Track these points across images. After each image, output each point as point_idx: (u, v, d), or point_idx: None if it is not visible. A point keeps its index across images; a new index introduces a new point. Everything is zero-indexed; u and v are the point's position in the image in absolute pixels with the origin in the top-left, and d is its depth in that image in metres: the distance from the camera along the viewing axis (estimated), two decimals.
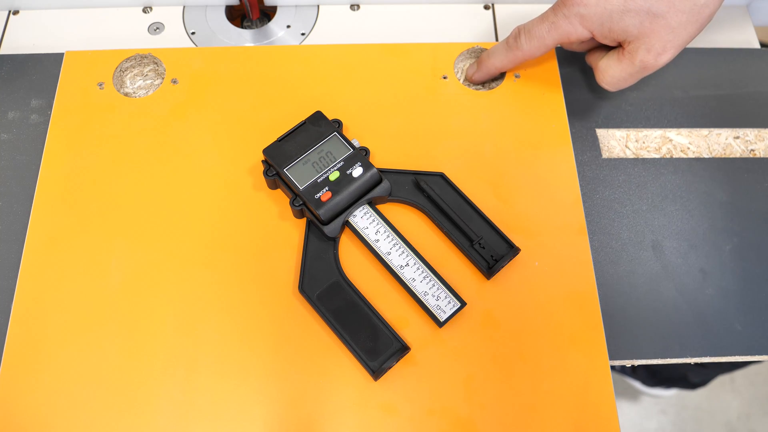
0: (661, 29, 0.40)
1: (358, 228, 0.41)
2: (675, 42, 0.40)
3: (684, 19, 0.39)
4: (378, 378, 0.38)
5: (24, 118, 0.47)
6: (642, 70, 0.42)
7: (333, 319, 0.39)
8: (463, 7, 0.54)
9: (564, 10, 0.41)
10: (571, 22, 0.41)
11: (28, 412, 0.37)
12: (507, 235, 0.42)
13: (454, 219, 0.41)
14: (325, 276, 0.40)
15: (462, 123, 0.46)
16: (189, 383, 0.38)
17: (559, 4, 0.42)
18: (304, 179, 0.41)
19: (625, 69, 0.42)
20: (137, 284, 0.41)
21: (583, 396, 0.38)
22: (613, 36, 0.41)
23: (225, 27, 0.54)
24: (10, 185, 0.45)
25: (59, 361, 0.38)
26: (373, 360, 0.37)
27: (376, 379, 0.38)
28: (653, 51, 0.41)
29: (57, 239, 0.42)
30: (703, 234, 0.44)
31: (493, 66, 0.46)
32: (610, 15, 0.40)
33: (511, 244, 0.41)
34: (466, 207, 0.42)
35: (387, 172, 0.43)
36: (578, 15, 0.41)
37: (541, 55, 0.45)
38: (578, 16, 0.41)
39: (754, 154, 0.48)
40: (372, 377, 0.38)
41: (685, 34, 0.40)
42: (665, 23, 0.39)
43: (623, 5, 0.40)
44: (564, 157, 0.45)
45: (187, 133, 0.46)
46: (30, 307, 0.40)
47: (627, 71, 0.42)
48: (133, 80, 0.49)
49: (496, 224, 0.42)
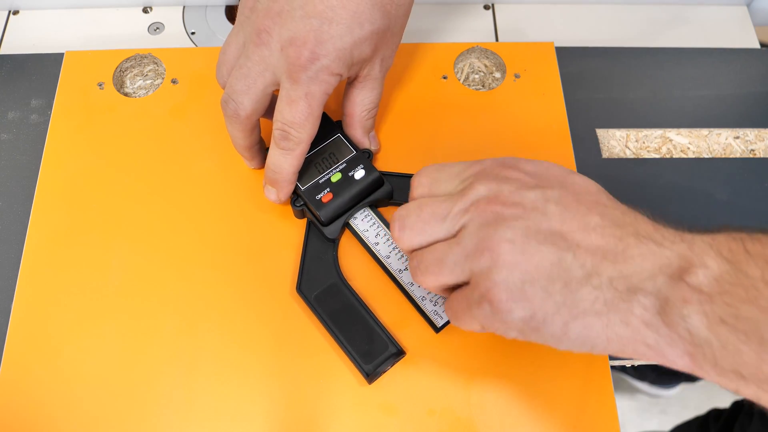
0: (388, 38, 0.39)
1: (358, 230, 0.41)
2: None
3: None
4: (372, 381, 0.38)
5: (24, 118, 0.47)
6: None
7: (329, 320, 0.38)
8: (463, 7, 0.54)
9: (307, 73, 0.36)
10: (321, 80, 0.37)
11: (28, 412, 0.37)
12: None
13: None
14: (323, 277, 0.40)
15: (462, 123, 0.46)
16: (189, 383, 0.38)
17: (297, 72, 0.36)
18: (306, 180, 0.41)
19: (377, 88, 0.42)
20: (137, 284, 0.41)
21: (583, 396, 0.38)
22: (356, 68, 0.39)
23: (225, 27, 0.54)
24: (10, 185, 0.45)
25: (59, 361, 0.38)
26: (367, 363, 0.37)
27: (370, 382, 0.38)
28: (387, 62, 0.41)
29: (57, 239, 0.42)
30: None
31: (289, 173, 0.39)
32: (350, 50, 0.37)
33: None
34: None
35: (389, 176, 0.43)
36: (323, 68, 0.36)
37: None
38: (323, 70, 0.36)
39: (754, 154, 0.48)
40: (366, 380, 0.37)
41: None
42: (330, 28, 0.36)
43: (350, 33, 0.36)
44: (564, 157, 0.45)
45: (187, 133, 0.46)
46: (30, 307, 0.40)
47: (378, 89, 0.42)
48: (133, 80, 0.49)
49: None
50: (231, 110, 0.38)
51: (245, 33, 0.38)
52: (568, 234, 0.29)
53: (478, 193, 0.31)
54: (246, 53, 0.37)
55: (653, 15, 0.54)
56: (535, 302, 0.28)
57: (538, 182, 0.31)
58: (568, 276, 0.28)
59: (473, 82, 0.49)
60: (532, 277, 0.28)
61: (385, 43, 0.39)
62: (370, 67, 0.40)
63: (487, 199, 0.30)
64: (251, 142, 0.41)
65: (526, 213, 0.30)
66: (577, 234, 0.29)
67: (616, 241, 0.29)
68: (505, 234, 0.29)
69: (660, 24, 0.54)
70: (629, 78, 0.50)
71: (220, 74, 0.40)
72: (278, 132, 0.37)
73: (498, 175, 0.31)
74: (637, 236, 0.29)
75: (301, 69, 0.36)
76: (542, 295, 0.28)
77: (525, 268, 0.29)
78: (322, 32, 0.36)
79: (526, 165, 0.32)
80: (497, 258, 0.29)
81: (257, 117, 0.39)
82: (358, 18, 0.36)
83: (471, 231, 0.30)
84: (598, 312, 0.28)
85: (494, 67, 0.50)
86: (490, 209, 0.30)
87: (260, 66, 0.37)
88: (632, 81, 0.50)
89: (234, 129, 0.39)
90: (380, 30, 0.38)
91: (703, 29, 0.54)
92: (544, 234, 0.29)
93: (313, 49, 0.35)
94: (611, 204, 0.31)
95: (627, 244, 0.28)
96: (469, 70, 0.50)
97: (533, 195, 0.30)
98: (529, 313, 0.29)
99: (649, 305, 0.27)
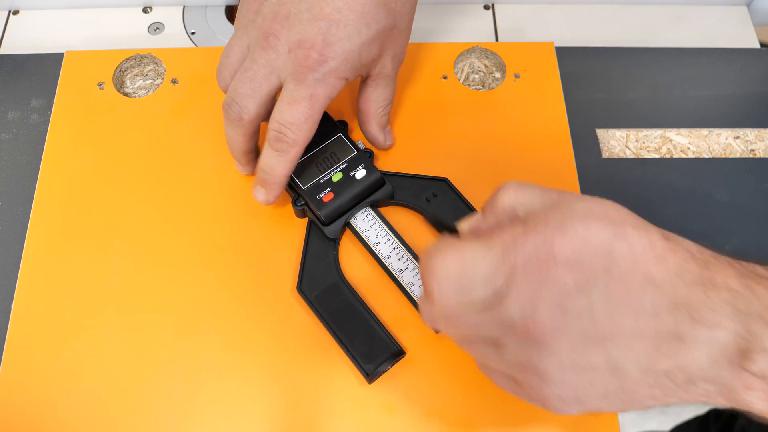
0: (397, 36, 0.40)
1: (359, 230, 0.41)
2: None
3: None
4: (372, 381, 0.38)
5: (24, 118, 0.47)
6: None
7: (330, 320, 0.38)
8: (463, 7, 0.54)
9: (314, 75, 0.36)
10: (327, 83, 0.36)
11: (28, 412, 0.37)
12: None
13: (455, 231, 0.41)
14: (324, 277, 0.40)
15: (462, 123, 0.46)
16: (189, 382, 0.38)
17: (304, 73, 0.36)
18: (307, 179, 0.41)
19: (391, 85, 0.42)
20: (137, 283, 0.41)
21: None
22: (367, 68, 0.39)
23: (225, 27, 0.54)
24: (10, 185, 0.45)
25: (59, 361, 0.38)
26: (368, 363, 0.37)
27: (370, 382, 0.38)
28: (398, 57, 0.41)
29: (57, 239, 0.42)
30: (703, 234, 0.44)
31: (280, 176, 0.38)
32: (358, 51, 0.37)
33: None
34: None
35: (390, 176, 0.43)
36: (331, 71, 0.36)
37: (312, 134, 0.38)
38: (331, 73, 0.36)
39: (754, 154, 0.48)
40: (366, 380, 0.37)
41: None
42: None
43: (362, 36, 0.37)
44: (564, 157, 0.45)
45: (187, 134, 0.46)
46: (30, 307, 0.40)
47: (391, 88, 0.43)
48: (133, 80, 0.49)
49: None
50: (234, 114, 0.38)
51: (250, 36, 0.38)
52: (617, 334, 0.26)
53: (511, 315, 0.27)
54: (252, 56, 0.37)
55: (653, 15, 0.55)
56: (590, 404, 0.28)
57: (579, 278, 0.26)
58: (622, 376, 0.26)
59: (473, 82, 0.49)
60: (586, 392, 0.27)
61: (393, 40, 0.39)
62: (381, 65, 0.40)
63: (524, 325, 0.26)
64: (250, 147, 0.41)
65: (569, 326, 0.26)
66: (628, 331, 0.26)
67: (669, 330, 0.26)
68: (551, 357, 0.26)
69: (660, 24, 0.54)
70: (629, 78, 0.50)
71: (222, 77, 0.40)
72: (274, 133, 0.37)
73: (533, 283, 0.26)
74: (692, 320, 0.26)
75: (308, 70, 0.35)
76: (597, 399, 0.27)
77: (576, 384, 0.27)
78: (330, 34, 0.35)
79: (562, 250, 0.26)
80: (545, 379, 0.27)
81: (259, 121, 0.39)
82: (364, 18, 0.36)
83: (512, 351, 0.28)
84: (656, 398, 0.27)
85: (494, 67, 0.50)
86: (530, 337, 0.26)
87: (266, 69, 0.37)
88: (632, 81, 0.50)
89: (235, 133, 0.39)
90: (386, 28, 0.38)
91: (703, 29, 0.54)
92: (593, 342, 0.26)
93: (322, 51, 0.35)
94: (660, 273, 0.26)
95: (681, 333, 0.26)
96: (469, 70, 0.50)
97: (576, 306, 0.26)
98: (583, 410, 0.28)
99: (711, 391, 0.26)
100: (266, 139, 0.38)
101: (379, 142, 0.44)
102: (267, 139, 0.38)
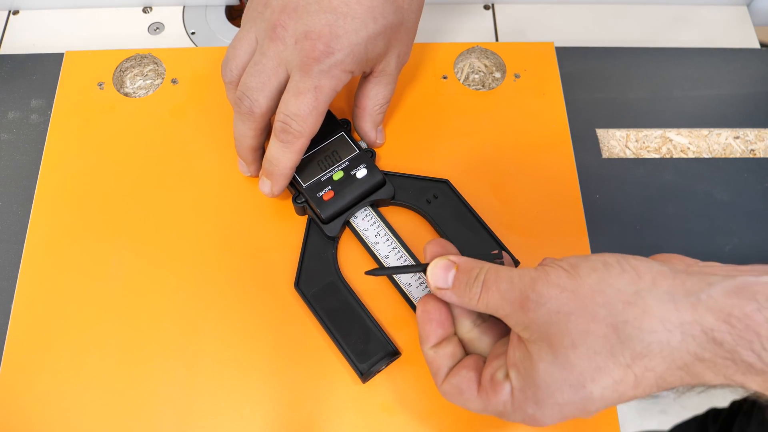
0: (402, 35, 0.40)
1: (358, 229, 0.41)
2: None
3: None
4: (366, 380, 0.38)
5: (24, 118, 0.47)
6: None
7: (326, 318, 0.38)
8: (463, 7, 0.54)
9: (320, 66, 0.36)
10: (332, 75, 0.37)
11: (29, 412, 0.37)
12: (507, 236, 0.42)
13: (455, 234, 0.41)
14: (322, 275, 0.40)
15: (462, 123, 0.46)
16: (188, 379, 0.38)
17: (310, 64, 0.36)
18: (308, 177, 0.41)
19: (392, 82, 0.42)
20: (136, 282, 0.41)
21: None
22: (371, 63, 0.39)
23: (225, 27, 0.54)
24: (10, 185, 0.45)
25: (59, 360, 0.38)
26: (362, 362, 0.37)
27: (365, 381, 0.38)
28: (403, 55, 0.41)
29: (57, 239, 0.42)
30: (703, 234, 0.44)
31: (286, 167, 0.39)
32: (364, 45, 0.37)
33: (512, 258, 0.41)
34: (469, 218, 0.42)
35: (390, 175, 0.43)
36: (336, 64, 0.36)
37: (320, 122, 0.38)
38: (336, 65, 0.36)
39: (754, 154, 0.48)
40: (360, 379, 0.37)
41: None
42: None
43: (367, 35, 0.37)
44: (564, 157, 0.45)
45: (187, 133, 0.46)
46: (30, 307, 0.40)
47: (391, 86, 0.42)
48: (133, 80, 0.49)
49: (498, 236, 0.41)
50: (246, 108, 0.38)
51: (258, 29, 0.38)
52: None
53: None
54: (261, 49, 0.37)
55: (653, 15, 0.55)
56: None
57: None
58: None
59: (473, 82, 0.49)
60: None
61: (399, 38, 0.39)
62: (385, 63, 0.40)
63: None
64: (258, 143, 0.41)
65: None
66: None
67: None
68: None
69: (660, 24, 0.54)
70: (629, 78, 0.50)
71: (228, 69, 0.39)
72: (280, 124, 0.37)
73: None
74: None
75: (314, 61, 0.35)
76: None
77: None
78: (338, 26, 0.36)
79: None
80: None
81: (270, 115, 0.39)
82: (372, 12, 0.36)
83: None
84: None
85: (494, 67, 0.50)
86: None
87: (275, 62, 0.37)
88: (632, 81, 0.50)
89: (246, 127, 0.39)
90: (393, 24, 0.38)
91: (703, 29, 0.54)
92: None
93: (328, 42, 0.35)
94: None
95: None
96: (469, 70, 0.50)
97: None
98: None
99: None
100: (273, 130, 0.38)
101: (370, 140, 0.44)
102: (273, 131, 0.38)
